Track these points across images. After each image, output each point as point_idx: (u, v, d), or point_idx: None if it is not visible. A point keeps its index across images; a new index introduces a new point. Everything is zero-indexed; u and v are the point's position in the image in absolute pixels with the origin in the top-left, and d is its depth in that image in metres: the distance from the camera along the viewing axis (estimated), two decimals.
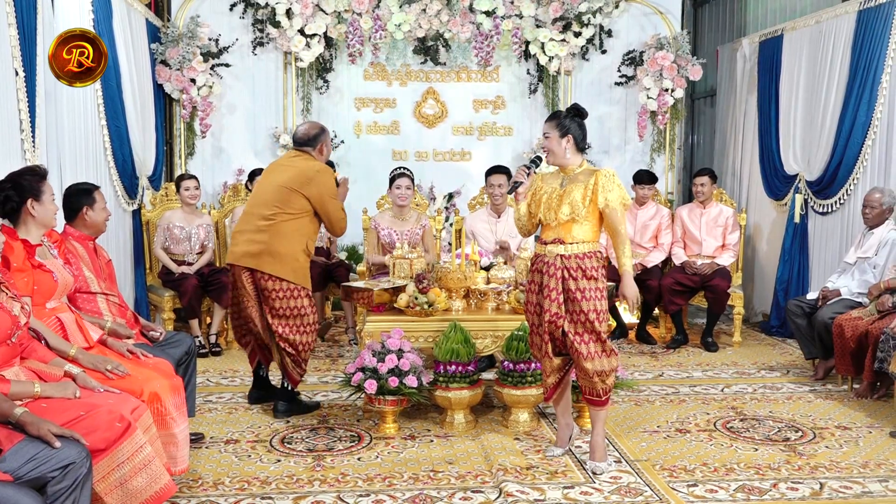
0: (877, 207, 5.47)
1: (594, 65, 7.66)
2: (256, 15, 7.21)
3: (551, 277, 3.84)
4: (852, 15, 6.13)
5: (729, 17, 8.54)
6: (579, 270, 3.83)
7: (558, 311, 3.83)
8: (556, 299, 3.83)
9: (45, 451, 2.62)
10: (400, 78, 7.63)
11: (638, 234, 6.81)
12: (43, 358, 3.15)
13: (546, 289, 3.85)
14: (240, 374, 5.67)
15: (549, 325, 3.85)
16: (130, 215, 6.23)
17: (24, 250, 3.42)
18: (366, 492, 3.67)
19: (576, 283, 3.82)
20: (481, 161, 7.48)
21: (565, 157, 3.90)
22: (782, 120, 7.03)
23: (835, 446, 4.28)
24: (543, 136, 3.94)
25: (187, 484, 3.70)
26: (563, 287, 3.84)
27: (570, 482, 3.79)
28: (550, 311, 3.83)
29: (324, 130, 4.78)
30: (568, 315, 3.84)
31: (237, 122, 7.44)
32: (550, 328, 3.85)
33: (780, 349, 6.47)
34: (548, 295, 3.84)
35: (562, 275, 3.84)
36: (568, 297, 3.84)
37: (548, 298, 3.84)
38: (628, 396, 5.09)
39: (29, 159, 4.28)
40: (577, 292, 3.82)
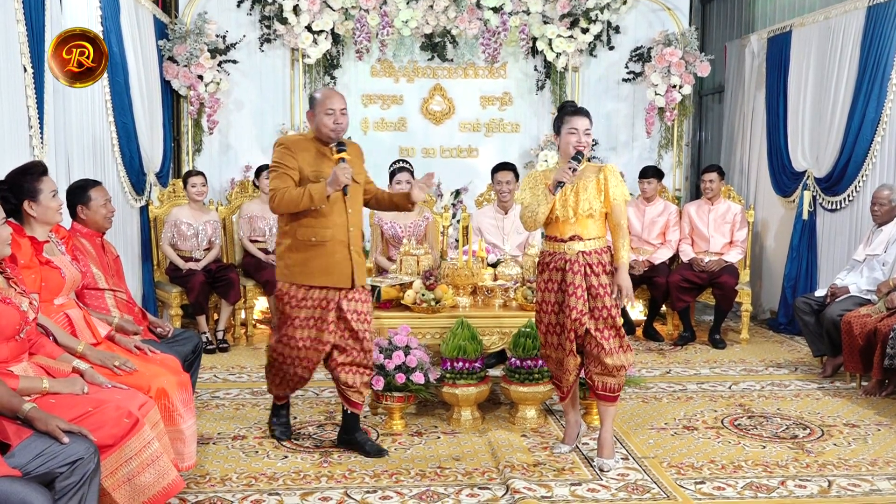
0: (886, 204, 5.45)
1: (602, 61, 7.63)
2: (264, 11, 7.21)
3: (576, 274, 3.83)
4: (861, 11, 6.09)
5: (737, 13, 8.51)
6: (600, 265, 3.86)
7: (583, 308, 3.83)
8: (581, 296, 3.83)
9: (53, 447, 2.63)
10: (407, 74, 7.62)
11: (646, 231, 6.80)
12: (51, 354, 3.16)
13: (571, 286, 3.83)
14: (247, 370, 5.68)
15: (574, 323, 3.84)
16: (138, 212, 6.24)
17: (32, 247, 3.43)
18: (373, 488, 3.67)
19: (598, 278, 3.84)
20: (488, 158, 7.46)
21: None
22: (791, 116, 7.00)
23: (843, 444, 4.26)
24: (584, 133, 3.85)
25: (195, 480, 3.70)
26: (586, 284, 3.84)
27: (577, 479, 3.78)
28: (577, 308, 3.82)
29: (312, 98, 3.98)
30: (590, 311, 3.85)
31: (244, 118, 7.44)
32: (575, 326, 3.84)
33: (788, 346, 6.45)
34: (573, 293, 3.83)
35: (584, 271, 3.84)
36: (591, 293, 3.85)
37: (573, 296, 3.83)
38: (636, 393, 5.08)
39: (37, 155, 4.29)
40: (600, 287, 3.84)
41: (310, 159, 3.92)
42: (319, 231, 3.91)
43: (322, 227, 3.91)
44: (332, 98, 3.91)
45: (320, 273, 3.93)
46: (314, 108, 3.94)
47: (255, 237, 6.66)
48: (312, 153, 3.94)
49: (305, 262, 3.94)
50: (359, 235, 4.06)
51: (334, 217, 3.93)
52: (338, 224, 3.94)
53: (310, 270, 3.94)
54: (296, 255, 3.95)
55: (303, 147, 3.95)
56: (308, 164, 3.91)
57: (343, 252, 3.95)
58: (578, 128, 3.86)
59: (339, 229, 3.94)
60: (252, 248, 6.63)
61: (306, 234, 3.91)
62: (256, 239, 6.66)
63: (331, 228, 3.92)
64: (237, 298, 6.29)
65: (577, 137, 3.86)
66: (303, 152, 3.93)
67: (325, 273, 3.93)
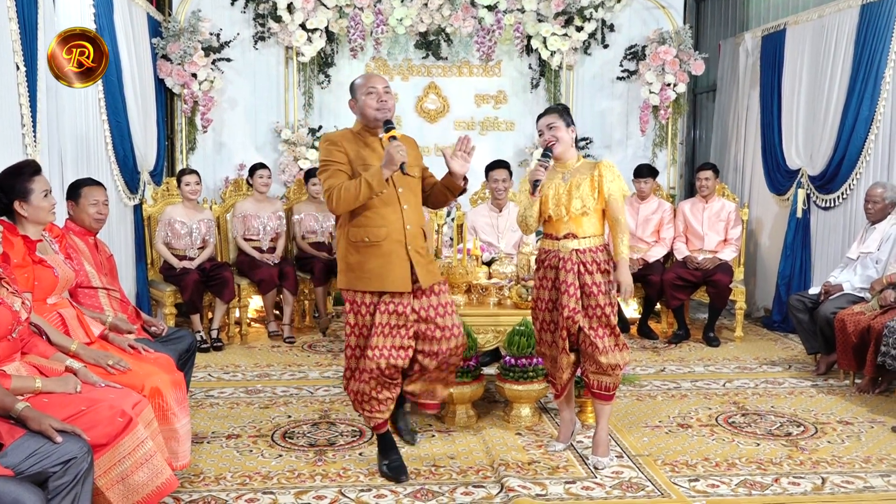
0: (879, 202, 5.46)
1: (596, 59, 7.64)
2: (258, 9, 7.20)
3: (568, 273, 3.83)
4: (855, 9, 6.10)
5: (731, 11, 8.52)
6: (594, 264, 3.84)
7: (576, 306, 3.82)
8: (574, 294, 3.82)
9: (46, 446, 2.62)
10: (402, 72, 7.61)
11: (640, 229, 6.81)
12: (44, 353, 3.15)
13: (564, 284, 3.83)
14: (241, 368, 5.67)
15: (567, 321, 3.84)
16: (132, 210, 6.22)
17: (25, 246, 3.42)
18: (367, 487, 3.67)
19: (591, 277, 3.83)
20: (483, 156, 7.43)
21: (571, 147, 3.91)
22: (785, 114, 7.01)
23: (836, 441, 4.27)
24: (547, 128, 3.85)
25: (189, 479, 3.70)
26: (579, 282, 3.83)
27: (571, 477, 3.79)
28: (569, 306, 3.82)
29: (352, 84, 3.73)
30: (583, 310, 3.84)
31: (238, 116, 7.43)
32: (568, 323, 3.84)
33: (782, 344, 6.46)
34: (565, 290, 3.83)
35: (578, 269, 3.83)
36: (584, 291, 3.84)
37: (566, 294, 3.82)
38: (630, 391, 5.08)
39: (30, 154, 4.27)
40: (594, 286, 3.82)
41: (358, 152, 3.64)
42: (372, 231, 3.60)
43: (375, 226, 3.60)
44: (372, 78, 3.67)
45: (376, 277, 3.60)
46: (355, 94, 3.67)
47: (250, 236, 6.66)
48: (360, 145, 3.66)
49: (361, 266, 3.62)
50: (418, 233, 3.70)
51: (388, 215, 3.61)
52: (392, 222, 3.61)
53: (366, 275, 3.61)
54: (352, 259, 3.64)
55: (348, 139, 3.68)
56: (357, 157, 3.63)
57: (400, 252, 3.61)
58: (542, 127, 3.88)
59: (395, 228, 3.61)
60: (246, 246, 6.62)
61: (358, 235, 3.62)
62: (250, 237, 6.66)
63: (385, 227, 3.60)
64: (231, 297, 6.28)
65: (544, 137, 3.88)
66: (349, 144, 3.65)
67: (380, 277, 3.60)
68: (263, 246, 6.65)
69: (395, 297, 3.63)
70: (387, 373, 3.66)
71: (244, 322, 6.63)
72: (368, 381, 3.67)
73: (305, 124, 7.35)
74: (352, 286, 3.66)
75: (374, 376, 3.66)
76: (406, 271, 3.62)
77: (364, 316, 3.66)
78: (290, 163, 7.29)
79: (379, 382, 3.68)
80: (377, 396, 3.71)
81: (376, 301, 3.64)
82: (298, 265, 6.83)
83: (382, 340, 3.63)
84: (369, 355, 3.62)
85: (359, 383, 3.71)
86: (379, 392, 3.71)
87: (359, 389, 3.73)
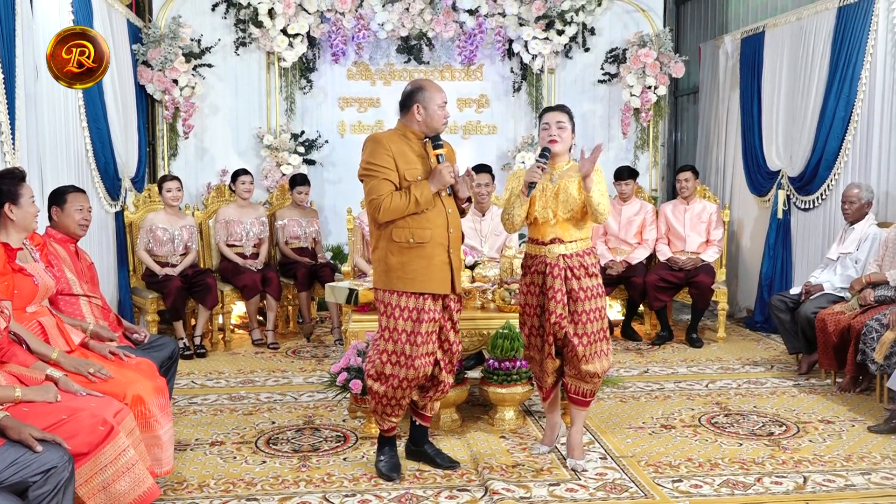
0: (856, 202, 5.51)
1: (577, 63, 7.67)
2: (238, 15, 7.18)
3: (555, 278, 3.81)
4: (832, 11, 6.17)
5: (711, 14, 8.58)
6: (581, 269, 3.83)
7: (563, 312, 3.81)
8: (560, 301, 3.80)
9: (26, 456, 2.60)
10: (384, 77, 7.62)
11: (623, 230, 6.84)
12: (24, 362, 3.13)
13: (550, 290, 3.81)
14: (224, 375, 5.65)
15: (553, 327, 3.83)
16: (113, 217, 6.19)
17: (5, 254, 3.39)
18: (352, 492, 3.67)
19: (578, 282, 3.81)
20: (465, 160, 7.43)
21: (569, 150, 3.92)
22: (765, 116, 7.07)
23: (818, 440, 4.31)
24: (556, 124, 3.82)
25: (172, 486, 3.68)
26: (566, 287, 3.82)
27: (555, 479, 3.79)
28: (556, 312, 3.80)
29: (420, 88, 3.70)
30: (570, 315, 3.82)
31: (220, 122, 7.41)
32: (554, 329, 3.83)
33: (765, 344, 6.51)
34: (552, 296, 3.81)
35: (565, 275, 3.81)
36: (571, 297, 3.82)
37: (553, 300, 3.81)
38: (614, 393, 5.10)
39: (9, 161, 4.24)
40: (581, 291, 3.81)
41: (400, 148, 3.64)
42: (417, 231, 3.58)
43: (420, 227, 3.59)
44: (441, 91, 3.71)
45: (419, 278, 3.59)
46: (424, 101, 3.65)
47: (232, 241, 6.64)
48: (406, 149, 3.66)
49: (403, 267, 3.59)
50: (458, 238, 3.75)
51: (433, 217, 3.61)
52: (437, 224, 3.62)
53: (409, 276, 3.58)
54: (392, 259, 3.61)
55: (395, 142, 3.65)
56: (404, 162, 3.62)
57: (442, 255, 3.63)
58: (550, 122, 3.84)
59: (439, 230, 3.63)
60: (229, 252, 6.60)
61: (403, 235, 3.59)
62: (233, 243, 6.64)
63: (430, 229, 3.60)
64: (214, 303, 6.25)
65: (549, 132, 3.85)
66: (395, 145, 3.64)
67: (424, 278, 3.59)
68: (246, 252, 6.63)
69: (436, 302, 3.66)
70: (422, 380, 3.74)
71: (227, 328, 6.61)
72: (403, 387, 3.69)
73: (288, 129, 7.34)
74: (391, 286, 3.63)
75: (411, 384, 3.70)
76: (447, 274, 3.67)
77: (397, 320, 3.63)
78: (272, 168, 7.27)
79: (412, 388, 3.73)
80: (401, 402, 3.76)
81: (412, 305, 3.62)
82: (282, 271, 6.81)
83: (424, 348, 3.65)
84: (416, 364, 3.62)
85: (386, 387, 3.71)
86: (407, 398, 3.76)
87: (385, 393, 3.72)
